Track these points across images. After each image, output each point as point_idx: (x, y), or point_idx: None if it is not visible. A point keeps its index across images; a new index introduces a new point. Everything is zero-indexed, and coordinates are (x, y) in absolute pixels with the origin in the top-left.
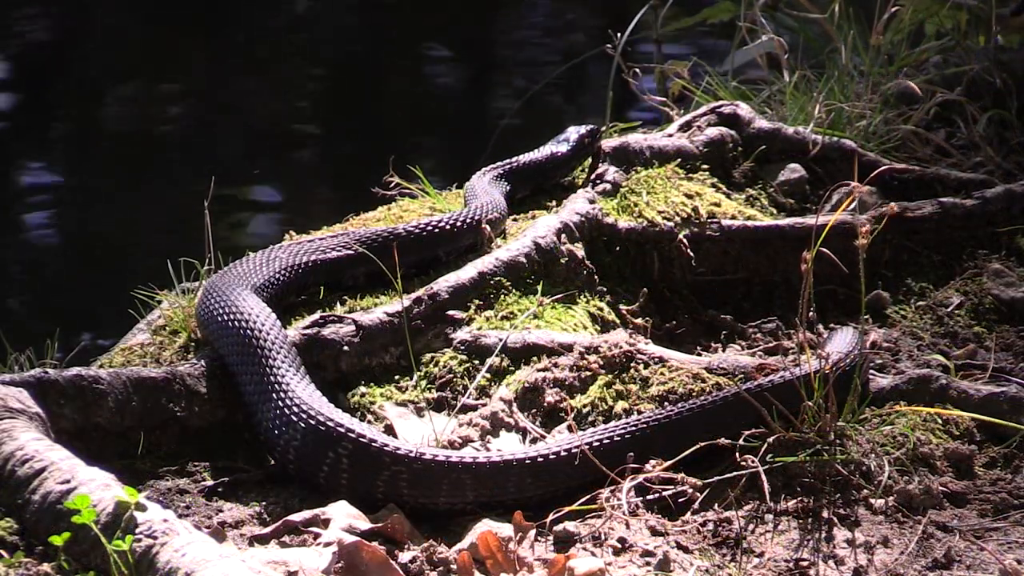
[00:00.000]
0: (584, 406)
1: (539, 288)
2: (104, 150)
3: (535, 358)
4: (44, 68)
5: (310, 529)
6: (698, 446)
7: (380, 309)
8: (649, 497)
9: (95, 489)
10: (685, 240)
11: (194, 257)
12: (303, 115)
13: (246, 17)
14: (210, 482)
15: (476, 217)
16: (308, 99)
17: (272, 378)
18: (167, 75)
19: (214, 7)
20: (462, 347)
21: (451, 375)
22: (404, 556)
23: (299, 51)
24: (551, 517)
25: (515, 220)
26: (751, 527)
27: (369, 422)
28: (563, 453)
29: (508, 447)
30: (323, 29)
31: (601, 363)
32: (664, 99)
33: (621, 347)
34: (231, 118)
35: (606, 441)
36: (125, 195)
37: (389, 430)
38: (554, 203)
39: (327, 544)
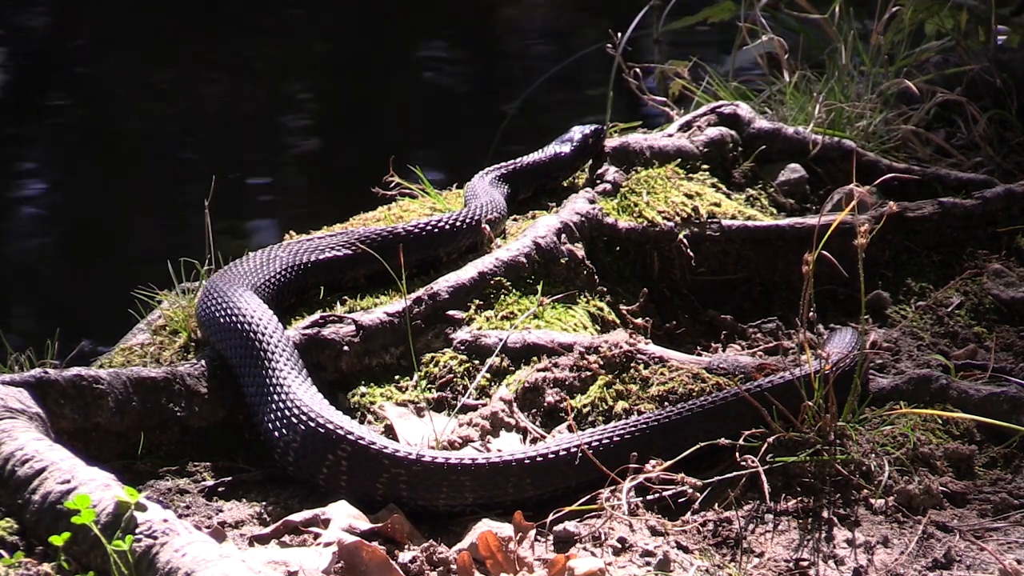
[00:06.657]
0: (584, 406)
1: (539, 288)
2: (103, 150)
3: (535, 358)
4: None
5: (310, 529)
6: (698, 446)
7: (380, 309)
8: (649, 497)
9: (95, 489)
10: (685, 240)
11: (194, 257)
12: (303, 114)
13: (246, 15)
14: (210, 482)
15: (476, 217)
16: (308, 98)
17: (272, 379)
18: (165, 74)
19: (213, 5)
20: (462, 347)
21: (451, 375)
22: (404, 556)
23: (298, 50)
24: (551, 517)
25: (515, 220)
26: (751, 527)
27: (369, 422)
28: (563, 453)
29: (508, 447)
30: (322, 28)
31: (601, 363)
32: (664, 99)
33: (621, 347)
34: (231, 117)
35: (606, 441)
36: (125, 195)
37: (389, 430)
38: (555, 203)
39: (327, 544)
